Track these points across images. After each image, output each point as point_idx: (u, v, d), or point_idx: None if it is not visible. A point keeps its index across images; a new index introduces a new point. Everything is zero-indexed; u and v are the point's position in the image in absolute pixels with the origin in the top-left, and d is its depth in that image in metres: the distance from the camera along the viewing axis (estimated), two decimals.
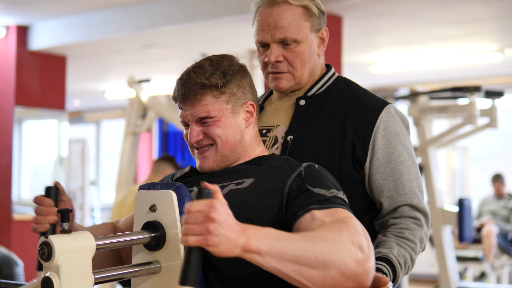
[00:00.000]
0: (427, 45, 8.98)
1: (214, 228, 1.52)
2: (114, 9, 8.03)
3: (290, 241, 1.62)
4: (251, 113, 2.06)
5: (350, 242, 1.67)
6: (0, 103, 9.11)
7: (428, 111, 6.49)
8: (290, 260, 1.60)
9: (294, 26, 2.21)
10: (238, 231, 1.57)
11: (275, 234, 1.62)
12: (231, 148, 2.02)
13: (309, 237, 1.66)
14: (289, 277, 1.63)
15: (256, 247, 1.58)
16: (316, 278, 1.63)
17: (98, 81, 12.23)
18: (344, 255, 1.64)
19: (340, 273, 1.64)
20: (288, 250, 1.60)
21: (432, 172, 6.51)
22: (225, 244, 1.54)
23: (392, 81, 11.46)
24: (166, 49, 8.95)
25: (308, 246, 1.62)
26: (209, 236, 1.53)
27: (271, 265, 1.60)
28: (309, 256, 1.61)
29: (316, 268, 1.62)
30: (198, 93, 1.98)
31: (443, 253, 6.50)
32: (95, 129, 16.38)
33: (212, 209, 1.54)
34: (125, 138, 6.98)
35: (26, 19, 8.64)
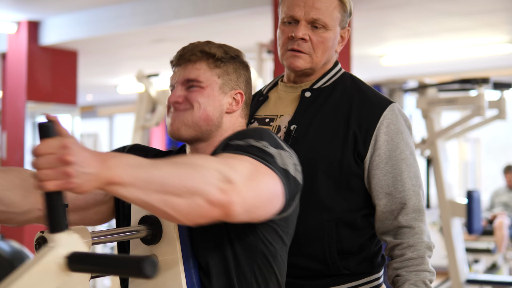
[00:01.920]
0: (437, 37, 8.95)
1: (73, 170, 1.40)
2: (124, 4, 8.06)
3: (154, 167, 1.54)
4: (237, 102, 2.05)
5: (217, 171, 1.60)
6: (12, 98, 9.17)
7: (436, 103, 6.48)
8: (156, 189, 1.52)
9: (329, 12, 2.21)
10: (98, 163, 1.44)
11: (137, 162, 1.53)
12: (206, 119, 1.98)
13: (174, 162, 1.59)
14: (155, 207, 1.55)
15: (120, 178, 1.47)
16: (182, 207, 1.56)
17: (110, 76, 12.27)
18: (209, 181, 1.58)
19: (205, 200, 1.57)
20: (153, 177, 1.52)
21: (441, 164, 6.51)
22: (88, 182, 1.43)
23: (403, 73, 11.44)
24: (176, 43, 8.96)
25: (173, 171, 1.56)
26: (70, 179, 1.40)
27: (135, 196, 1.51)
28: (175, 182, 1.54)
29: (182, 196, 1.55)
30: (194, 54, 1.98)
31: (452, 245, 6.50)
32: (108, 123, 16.44)
33: (66, 150, 1.40)
34: (135, 132, 7.02)
35: (37, 14, 8.68)
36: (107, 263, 1.40)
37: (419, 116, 6.78)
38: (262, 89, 2.45)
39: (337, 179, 2.17)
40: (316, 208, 2.16)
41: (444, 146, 6.65)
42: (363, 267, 2.24)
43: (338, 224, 2.18)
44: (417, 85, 6.83)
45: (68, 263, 1.42)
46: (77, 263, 1.42)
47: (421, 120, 6.75)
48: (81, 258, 1.43)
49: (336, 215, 2.17)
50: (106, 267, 1.40)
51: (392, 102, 2.26)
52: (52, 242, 1.43)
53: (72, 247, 1.44)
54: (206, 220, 1.62)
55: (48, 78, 9.17)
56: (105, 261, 1.40)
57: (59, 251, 1.42)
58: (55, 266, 1.42)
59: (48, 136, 1.43)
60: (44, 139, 1.43)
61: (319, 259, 2.18)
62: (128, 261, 1.36)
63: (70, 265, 1.42)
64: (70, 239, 1.45)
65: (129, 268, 1.35)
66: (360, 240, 2.23)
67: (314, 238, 2.17)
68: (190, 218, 1.60)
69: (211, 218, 1.62)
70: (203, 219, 1.61)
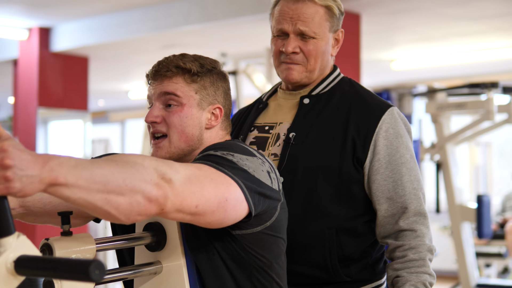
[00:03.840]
0: (446, 41, 8.94)
1: (13, 173, 1.34)
2: (134, 10, 8.09)
3: (95, 165, 1.50)
4: (216, 117, 2.04)
5: (154, 168, 1.59)
6: (24, 104, 9.22)
7: (445, 108, 6.48)
8: (99, 188, 1.48)
9: (316, 22, 2.23)
10: (39, 165, 1.39)
11: (78, 162, 1.48)
12: (186, 141, 1.99)
13: (114, 161, 1.56)
14: (97, 207, 1.51)
15: (64, 179, 1.42)
16: (123, 205, 1.53)
17: (121, 81, 12.31)
18: (148, 178, 1.56)
19: (144, 197, 1.55)
20: (96, 176, 1.48)
21: (451, 169, 6.51)
22: (29, 185, 1.37)
23: (413, 77, 11.42)
24: (186, 48, 8.97)
25: (114, 169, 1.52)
26: (10, 184, 1.35)
27: (78, 196, 1.46)
28: (117, 181, 1.51)
29: (124, 194, 1.52)
30: (170, 70, 1.98)
31: (462, 250, 6.49)
32: (120, 129, 16.49)
33: (4, 154, 1.35)
34: (145, 138, 7.05)
35: (48, 21, 8.73)
36: (55, 266, 1.36)
37: (428, 120, 6.78)
38: (262, 96, 2.46)
39: (337, 186, 2.18)
40: (316, 216, 2.16)
41: (454, 151, 6.64)
42: (365, 274, 2.24)
43: (338, 231, 2.18)
44: (426, 89, 6.84)
45: (15, 267, 1.39)
46: (25, 267, 1.39)
47: (431, 125, 6.75)
48: (29, 262, 1.39)
49: (337, 222, 2.17)
50: (54, 271, 1.36)
51: (391, 106, 2.26)
52: (1, 247, 1.39)
53: (21, 251, 1.41)
54: (143, 217, 1.59)
55: (59, 84, 9.21)
56: (53, 265, 1.37)
57: (7, 255, 1.39)
58: (4, 271, 1.39)
59: None
60: None
61: (320, 266, 2.18)
62: (75, 265, 1.31)
63: (18, 269, 1.39)
64: (18, 242, 1.41)
65: (76, 271, 1.31)
66: (362, 246, 2.23)
67: (314, 245, 2.17)
68: (129, 216, 1.56)
69: (148, 215, 1.59)
70: (141, 217, 1.59)
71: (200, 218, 1.70)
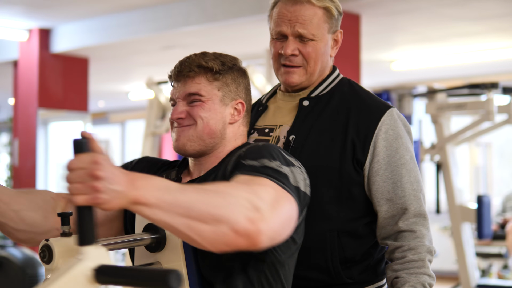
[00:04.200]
0: (446, 42, 8.95)
1: (102, 185, 1.43)
2: (134, 11, 8.10)
3: (182, 192, 1.55)
4: (239, 112, 2.06)
5: (245, 200, 1.61)
6: (24, 105, 9.23)
7: (445, 109, 6.49)
8: (181, 213, 1.54)
9: (314, 24, 2.23)
10: (127, 182, 1.47)
11: (166, 185, 1.55)
12: (210, 133, 2.00)
13: (202, 189, 1.60)
14: (179, 231, 1.57)
15: (145, 199, 1.50)
16: (207, 234, 1.57)
17: (121, 82, 12.32)
18: (236, 210, 1.58)
19: (231, 229, 1.58)
20: (179, 201, 1.54)
21: (451, 170, 6.51)
22: (115, 199, 1.45)
23: (413, 78, 11.43)
24: (186, 49, 8.96)
25: (201, 198, 1.57)
26: (98, 194, 1.43)
27: (159, 217, 1.53)
28: (200, 209, 1.55)
29: (208, 223, 1.56)
30: (192, 70, 1.99)
31: (462, 250, 6.49)
32: (120, 130, 16.49)
33: (96, 166, 1.43)
34: (145, 139, 7.05)
35: (48, 22, 8.73)
36: (134, 275, 1.44)
37: (428, 121, 6.78)
38: (261, 98, 2.46)
39: (338, 188, 2.17)
40: (317, 218, 2.15)
41: (454, 151, 6.65)
42: (367, 275, 2.23)
43: (340, 234, 2.17)
44: (426, 90, 6.84)
45: (95, 276, 1.46)
46: (105, 276, 1.46)
47: (431, 125, 6.75)
48: (109, 271, 1.46)
49: (338, 224, 2.17)
50: (133, 279, 1.43)
51: (390, 107, 2.25)
52: (80, 255, 1.46)
53: (100, 260, 1.47)
54: (230, 249, 1.63)
55: (60, 85, 9.22)
56: (132, 274, 1.44)
57: (87, 264, 1.46)
58: (83, 278, 1.45)
59: (81, 152, 1.47)
60: (77, 154, 1.46)
61: (321, 269, 2.18)
62: (154, 274, 1.40)
63: (97, 278, 1.45)
64: (98, 252, 1.48)
65: (155, 280, 1.38)
66: (363, 248, 2.22)
67: (316, 248, 2.17)
68: (215, 245, 1.61)
69: (236, 247, 1.63)
70: (228, 247, 1.62)
71: (277, 241, 1.75)
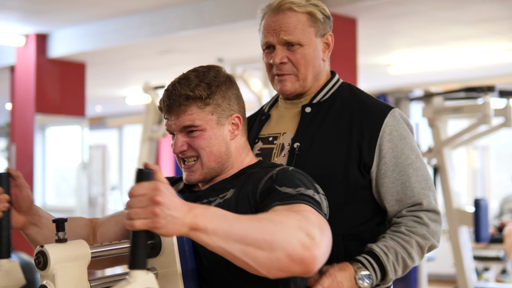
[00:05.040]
0: (443, 45, 8.96)
1: (160, 210, 1.49)
2: (131, 16, 8.10)
3: (237, 220, 1.61)
4: (236, 125, 2.07)
5: (297, 227, 1.65)
6: (21, 110, 9.23)
7: (442, 112, 6.48)
8: (237, 239, 1.59)
9: (299, 30, 2.25)
10: (185, 210, 1.54)
11: (222, 214, 1.60)
12: (216, 159, 2.03)
13: (256, 218, 1.65)
14: (235, 257, 1.61)
15: (203, 225, 1.55)
16: (262, 259, 1.61)
17: (118, 87, 12.33)
18: (291, 238, 1.63)
19: (286, 255, 1.62)
20: (235, 229, 1.59)
21: (448, 173, 6.51)
22: (172, 225, 1.51)
23: (410, 81, 11.45)
24: (183, 54, 9.01)
25: (255, 225, 1.61)
26: (156, 219, 1.49)
27: (217, 244, 1.58)
28: (256, 235, 1.60)
29: (263, 249, 1.60)
30: (182, 104, 1.99)
31: (460, 253, 6.49)
32: (118, 134, 16.50)
33: (156, 192, 1.50)
34: (142, 144, 7.05)
35: (45, 27, 8.74)
36: None
37: (425, 124, 6.78)
38: (264, 107, 2.47)
39: (344, 193, 2.18)
40: None
41: (451, 155, 6.65)
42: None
43: (345, 238, 2.18)
44: (423, 94, 6.84)
45: None
46: None
47: (427, 129, 6.75)
48: None
49: (343, 229, 2.17)
50: None
51: (392, 108, 2.27)
52: (131, 278, 1.51)
53: (147, 285, 1.52)
54: (285, 274, 1.67)
55: (57, 90, 9.22)
56: None
57: (135, 287, 1.50)
58: None
59: (144, 180, 1.53)
60: (140, 182, 1.53)
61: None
62: None
63: None
64: (147, 277, 1.52)
65: None
66: None
67: None
68: (270, 271, 1.64)
69: (290, 273, 1.67)
70: (283, 273, 1.66)
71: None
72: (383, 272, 2.12)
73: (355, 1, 6.58)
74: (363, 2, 6.58)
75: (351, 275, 2.07)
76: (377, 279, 2.11)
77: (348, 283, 2.06)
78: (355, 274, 2.07)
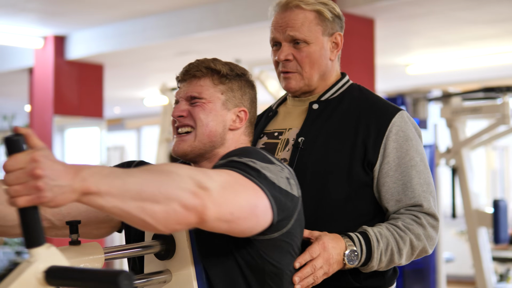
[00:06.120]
0: (461, 46, 8.92)
1: (43, 184, 1.36)
2: (148, 17, 8.12)
3: (130, 175, 1.51)
4: (241, 119, 2.07)
5: (191, 177, 1.58)
6: (40, 112, 9.27)
7: (460, 112, 6.45)
8: (133, 196, 1.48)
9: (305, 27, 2.24)
10: (71, 175, 1.41)
11: (111, 171, 1.50)
12: (209, 136, 2.01)
13: (149, 170, 1.57)
14: (132, 216, 1.51)
15: (96, 187, 1.43)
16: (160, 214, 1.52)
17: (136, 89, 12.36)
18: (183, 186, 1.55)
19: (181, 205, 1.54)
20: (129, 185, 1.49)
21: (466, 174, 6.47)
22: (60, 195, 1.39)
23: (428, 82, 11.40)
24: (200, 55, 8.89)
25: (149, 178, 1.52)
26: (41, 193, 1.36)
27: (112, 204, 1.46)
28: (151, 189, 1.51)
29: (159, 202, 1.52)
30: (199, 70, 2.00)
31: (479, 255, 6.45)
32: (136, 136, 16.54)
33: (35, 164, 1.36)
34: (160, 145, 7.06)
35: (63, 29, 8.78)
36: (84, 277, 1.38)
37: (443, 125, 6.75)
38: (272, 105, 2.47)
39: (346, 190, 2.17)
40: (325, 220, 2.15)
41: (469, 155, 6.61)
42: (374, 280, 2.21)
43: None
44: (441, 94, 6.80)
45: (46, 278, 1.40)
46: (55, 278, 1.40)
47: (446, 130, 6.71)
48: (59, 273, 1.40)
49: (346, 226, 2.16)
50: (83, 281, 1.38)
51: (400, 110, 2.26)
52: (32, 257, 1.41)
53: (51, 261, 1.42)
54: (182, 227, 1.60)
55: (75, 92, 9.26)
56: (83, 275, 1.38)
57: (37, 266, 1.41)
58: (34, 281, 1.40)
59: (17, 150, 1.39)
60: (13, 154, 1.38)
61: None
62: (105, 275, 1.33)
63: (48, 280, 1.40)
64: (48, 253, 1.42)
65: (106, 281, 1.33)
66: None
67: None
68: (167, 225, 1.56)
69: (187, 225, 1.59)
70: (180, 226, 1.59)
71: (235, 226, 1.70)
72: (368, 257, 2.09)
73: (373, 2, 6.56)
74: (380, 2, 6.56)
75: (342, 250, 2.05)
76: (360, 261, 2.08)
77: (336, 257, 2.04)
78: (345, 250, 2.05)
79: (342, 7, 6.42)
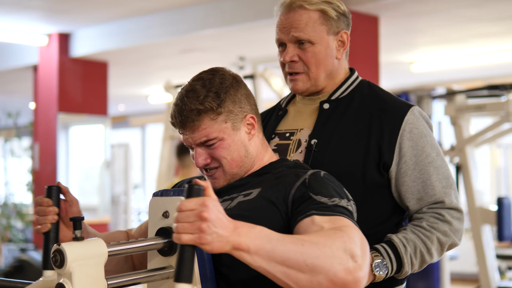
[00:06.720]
0: (466, 43, 8.91)
1: (206, 227, 1.54)
2: (153, 15, 8.12)
3: (280, 242, 1.63)
4: (252, 125, 2.05)
5: (342, 250, 1.66)
6: (44, 109, 9.28)
7: (465, 110, 6.44)
8: (278, 261, 1.61)
9: (309, 27, 2.22)
10: (230, 228, 1.58)
11: (266, 234, 1.63)
12: (238, 165, 2.02)
13: (300, 240, 1.66)
14: (277, 278, 1.64)
15: (246, 245, 1.59)
16: (303, 282, 1.64)
17: (141, 86, 12.36)
18: (334, 262, 1.64)
19: (328, 280, 1.64)
20: (277, 251, 1.61)
21: (471, 171, 6.47)
22: (217, 242, 1.56)
23: (432, 79, 11.39)
24: (205, 53, 9.02)
25: (298, 249, 1.63)
26: (202, 234, 1.54)
27: (258, 264, 1.62)
28: (297, 259, 1.62)
29: (304, 272, 1.63)
30: (195, 119, 1.96)
31: (482, 252, 6.45)
32: (140, 133, 16.55)
33: (204, 208, 1.54)
34: (164, 143, 7.05)
35: (67, 26, 8.79)
36: None
37: (447, 123, 6.74)
38: (281, 102, 2.45)
39: (361, 192, 2.15)
40: None
41: (473, 153, 6.60)
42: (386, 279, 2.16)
43: None
44: (445, 92, 6.80)
45: None
46: None
47: (450, 127, 6.71)
48: None
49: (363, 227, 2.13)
50: None
51: (411, 106, 2.24)
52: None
53: None
54: None
55: (79, 89, 9.27)
56: None
57: None
58: None
59: (194, 196, 1.58)
60: (190, 198, 1.58)
61: None
62: None
63: None
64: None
65: None
66: None
67: None
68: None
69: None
70: None
71: None
72: (399, 264, 2.10)
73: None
74: (385, 0, 6.55)
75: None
76: (393, 269, 2.08)
77: None
78: (372, 262, 2.05)
79: (346, 4, 6.39)
